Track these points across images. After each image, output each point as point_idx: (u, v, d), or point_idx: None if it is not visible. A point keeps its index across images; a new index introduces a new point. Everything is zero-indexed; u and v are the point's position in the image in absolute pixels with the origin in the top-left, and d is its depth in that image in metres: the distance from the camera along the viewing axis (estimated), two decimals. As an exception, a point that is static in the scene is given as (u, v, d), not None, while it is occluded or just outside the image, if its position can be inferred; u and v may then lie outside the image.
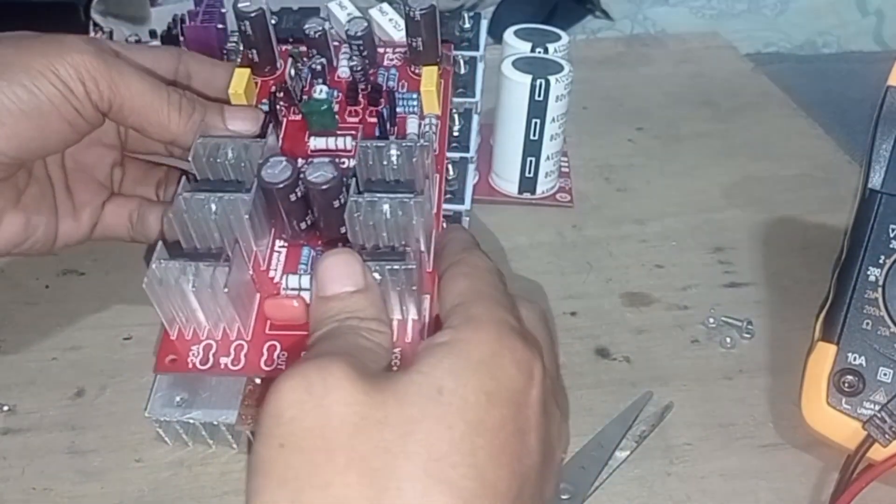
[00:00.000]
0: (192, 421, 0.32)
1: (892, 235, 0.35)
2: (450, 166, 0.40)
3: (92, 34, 0.48)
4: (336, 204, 0.31)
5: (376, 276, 0.29)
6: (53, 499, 0.33)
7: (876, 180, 0.36)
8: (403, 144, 0.32)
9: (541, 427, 0.24)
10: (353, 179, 0.32)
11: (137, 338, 0.39)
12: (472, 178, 0.41)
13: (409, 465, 0.22)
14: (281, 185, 0.31)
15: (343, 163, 0.35)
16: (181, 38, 0.48)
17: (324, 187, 0.30)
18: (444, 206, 0.39)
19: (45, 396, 0.37)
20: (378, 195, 0.30)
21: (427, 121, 0.37)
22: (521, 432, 0.24)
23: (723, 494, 0.33)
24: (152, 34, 0.49)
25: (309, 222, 0.33)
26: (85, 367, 0.38)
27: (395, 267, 0.29)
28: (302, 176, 0.31)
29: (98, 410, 0.36)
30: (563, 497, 0.33)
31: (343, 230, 0.31)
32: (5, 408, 0.36)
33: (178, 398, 0.32)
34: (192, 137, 0.33)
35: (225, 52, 0.47)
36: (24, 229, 0.34)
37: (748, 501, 0.33)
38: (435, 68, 0.37)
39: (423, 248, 0.31)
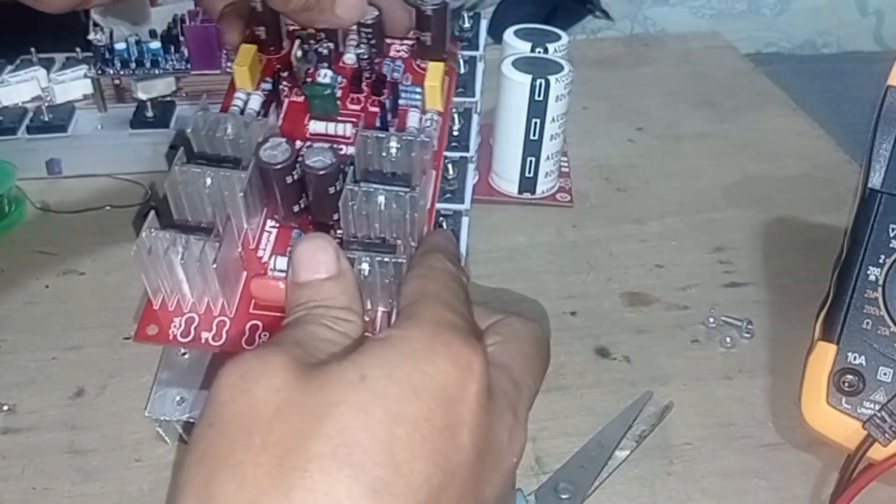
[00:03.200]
0: (192, 420, 0.32)
1: (892, 235, 0.35)
2: (449, 166, 0.40)
3: (92, 34, 0.48)
4: (331, 190, 0.31)
5: (365, 266, 0.29)
6: (53, 498, 0.33)
7: (876, 180, 0.36)
8: (404, 138, 0.32)
9: (477, 425, 0.24)
10: (351, 167, 0.31)
11: (137, 337, 0.39)
12: (471, 178, 0.41)
13: (319, 447, 0.21)
14: (279, 167, 0.30)
15: (341, 149, 0.35)
16: (181, 38, 0.48)
17: (321, 173, 0.30)
18: (444, 205, 0.39)
19: (45, 396, 0.37)
20: (374, 186, 0.30)
21: (429, 116, 0.36)
22: (451, 428, 0.23)
23: (723, 494, 0.33)
24: (152, 34, 0.49)
25: (302, 205, 0.32)
26: (85, 366, 0.38)
27: (385, 259, 0.29)
28: (300, 159, 0.31)
29: (98, 410, 0.36)
30: (564, 497, 0.33)
31: (335, 216, 0.31)
32: (5, 407, 0.36)
33: (177, 397, 0.32)
34: (301, 17, 0.33)
35: (226, 52, 0.47)
36: None
37: (748, 501, 0.33)
38: (441, 64, 0.37)
39: (413, 242, 0.31)
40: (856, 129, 0.56)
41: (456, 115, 0.41)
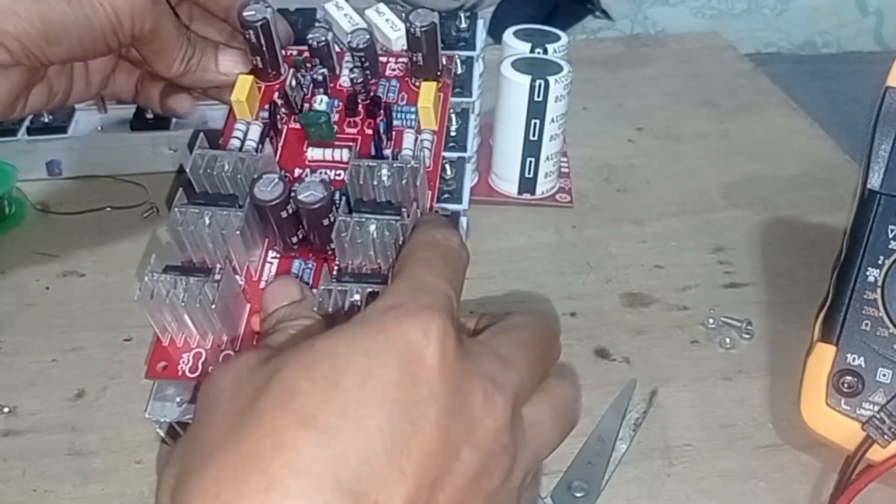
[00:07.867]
0: (190, 421, 0.32)
1: (891, 236, 0.35)
2: (447, 166, 0.40)
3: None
4: (325, 222, 0.32)
5: (357, 297, 0.30)
6: (54, 500, 0.33)
7: (875, 181, 0.36)
8: (395, 165, 0.32)
9: (442, 382, 0.24)
10: (343, 198, 0.32)
11: (137, 339, 0.39)
12: (469, 178, 0.41)
13: (266, 403, 0.23)
14: (272, 203, 0.31)
15: (339, 175, 0.36)
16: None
17: (313, 207, 0.31)
18: (443, 205, 0.39)
19: (46, 398, 0.37)
20: (366, 216, 0.31)
21: (423, 136, 0.37)
22: (406, 383, 0.23)
23: (722, 495, 0.33)
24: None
25: (301, 236, 0.33)
26: (85, 368, 0.38)
27: (376, 290, 0.30)
28: (293, 194, 0.31)
29: (98, 412, 0.36)
30: (578, 495, 0.33)
31: (332, 245, 0.31)
32: (6, 409, 0.36)
33: (178, 399, 0.32)
34: (185, 79, 0.37)
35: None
36: (47, 97, 0.37)
37: (748, 502, 0.33)
38: (434, 84, 0.37)
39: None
40: (856, 129, 0.57)
41: (453, 116, 0.41)
